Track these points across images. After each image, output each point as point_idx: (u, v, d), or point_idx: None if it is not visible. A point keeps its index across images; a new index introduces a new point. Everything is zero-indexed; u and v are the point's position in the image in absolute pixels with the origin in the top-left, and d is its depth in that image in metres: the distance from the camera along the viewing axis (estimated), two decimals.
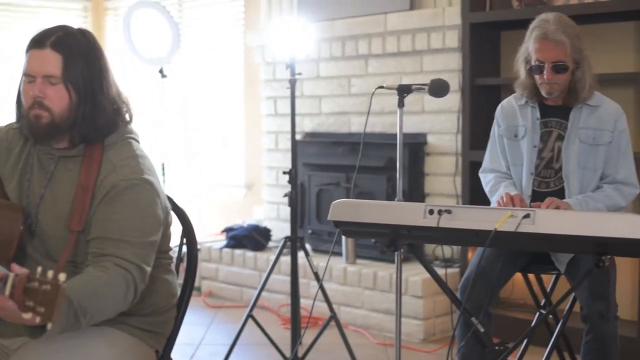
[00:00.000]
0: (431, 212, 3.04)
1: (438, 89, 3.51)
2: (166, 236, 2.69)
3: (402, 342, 5.08)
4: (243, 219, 7.17)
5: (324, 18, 6.41)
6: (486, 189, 3.86)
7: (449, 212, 3.02)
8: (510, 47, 5.50)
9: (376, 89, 3.62)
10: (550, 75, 3.60)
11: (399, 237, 3.21)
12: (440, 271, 3.58)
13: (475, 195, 5.35)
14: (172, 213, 2.77)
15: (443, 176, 5.86)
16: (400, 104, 3.52)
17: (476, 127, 5.43)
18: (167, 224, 2.67)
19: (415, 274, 5.50)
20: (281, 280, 6.07)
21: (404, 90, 3.53)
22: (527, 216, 2.90)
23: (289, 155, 4.91)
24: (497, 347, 3.28)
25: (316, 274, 4.71)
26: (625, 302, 5.05)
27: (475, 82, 5.49)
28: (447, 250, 5.80)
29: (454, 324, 3.52)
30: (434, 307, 5.50)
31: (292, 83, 4.77)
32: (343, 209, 3.24)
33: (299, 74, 4.83)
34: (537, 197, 3.64)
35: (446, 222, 3.01)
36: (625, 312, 5.05)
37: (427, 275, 3.43)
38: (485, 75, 5.55)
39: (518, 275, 3.80)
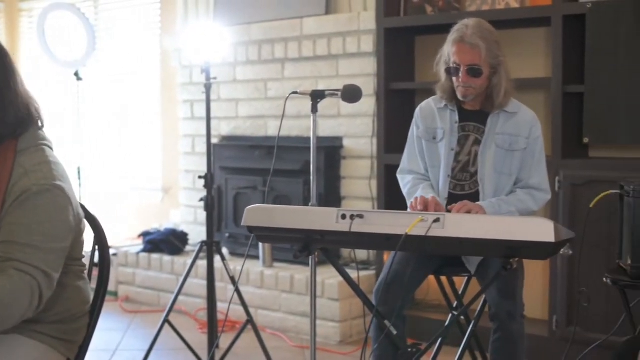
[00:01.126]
0: (344, 217, 3.07)
1: (351, 94, 3.55)
2: (78, 243, 2.65)
3: (319, 344, 5.15)
4: (160, 223, 7.13)
5: (241, 22, 6.42)
6: (404, 191, 3.90)
7: (361, 216, 3.05)
8: (424, 52, 5.58)
9: (290, 94, 3.65)
10: (466, 78, 3.66)
11: (312, 242, 3.23)
12: (355, 274, 3.61)
13: (390, 197, 5.42)
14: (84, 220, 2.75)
15: (359, 179, 5.91)
16: (314, 110, 3.56)
17: (391, 131, 5.50)
18: (79, 231, 2.64)
19: (331, 277, 5.53)
20: (198, 284, 6.06)
21: (317, 96, 3.56)
22: (437, 220, 2.93)
23: (206, 159, 4.91)
24: (409, 349, 3.33)
25: (232, 278, 4.71)
26: (537, 302, 5.16)
27: (390, 86, 5.55)
28: (364, 253, 5.85)
29: (367, 327, 3.56)
30: (350, 309, 5.54)
31: (208, 87, 4.78)
32: (256, 214, 3.25)
33: (214, 78, 4.83)
34: (453, 199, 3.70)
35: (358, 226, 3.04)
36: (536, 311, 5.16)
37: None
38: (400, 79, 5.62)
39: (433, 277, 3.86)
